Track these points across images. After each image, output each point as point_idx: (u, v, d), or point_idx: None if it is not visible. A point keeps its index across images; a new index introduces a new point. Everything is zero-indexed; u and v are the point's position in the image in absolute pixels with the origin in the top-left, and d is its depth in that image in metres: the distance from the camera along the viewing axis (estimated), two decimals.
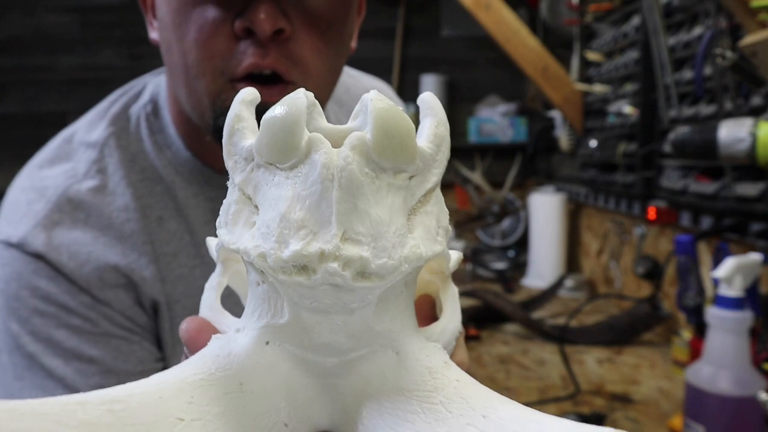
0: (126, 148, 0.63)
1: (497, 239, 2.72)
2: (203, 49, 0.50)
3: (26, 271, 0.58)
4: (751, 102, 1.06)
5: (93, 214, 0.60)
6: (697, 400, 0.78)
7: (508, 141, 2.81)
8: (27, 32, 2.92)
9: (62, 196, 0.60)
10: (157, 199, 0.63)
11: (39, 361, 0.57)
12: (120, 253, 0.60)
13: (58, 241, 0.58)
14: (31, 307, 0.57)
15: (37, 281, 0.57)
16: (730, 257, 0.81)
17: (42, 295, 0.57)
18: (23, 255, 0.58)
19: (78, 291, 0.58)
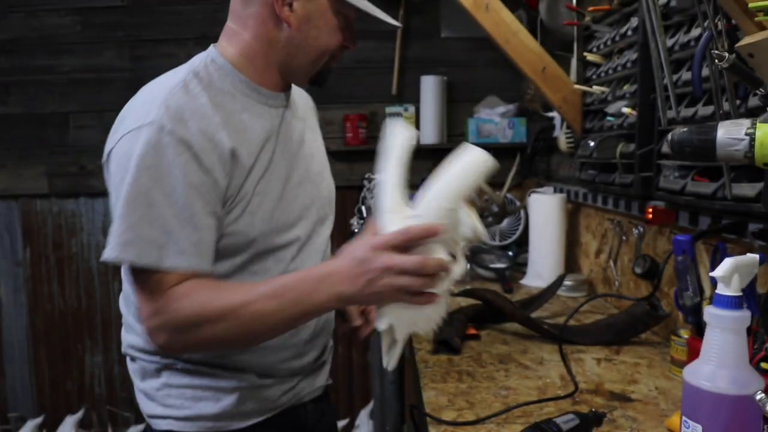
0: (201, 78, 1.02)
1: (497, 239, 2.72)
2: (336, 47, 1.09)
3: (160, 143, 0.92)
4: (748, 103, 1.06)
5: (197, 108, 0.97)
6: (696, 400, 0.78)
7: (508, 141, 2.82)
8: (29, 33, 2.92)
9: (168, 96, 0.96)
10: (231, 103, 1.03)
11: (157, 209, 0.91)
12: (226, 136, 0.98)
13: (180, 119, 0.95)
14: (162, 171, 0.92)
15: (167, 151, 0.92)
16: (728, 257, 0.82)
17: (170, 163, 0.92)
18: (151, 130, 0.92)
19: (196, 157, 0.94)
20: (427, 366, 1.32)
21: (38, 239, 3.03)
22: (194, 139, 0.94)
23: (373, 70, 2.94)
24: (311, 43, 1.06)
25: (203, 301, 0.94)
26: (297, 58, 1.07)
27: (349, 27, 1.09)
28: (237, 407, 1.06)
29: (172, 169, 0.92)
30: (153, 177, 0.91)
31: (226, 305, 0.93)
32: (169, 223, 0.92)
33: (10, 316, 3.06)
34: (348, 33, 1.09)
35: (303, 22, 1.03)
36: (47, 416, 3.01)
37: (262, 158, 1.03)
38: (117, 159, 0.95)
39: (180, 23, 2.92)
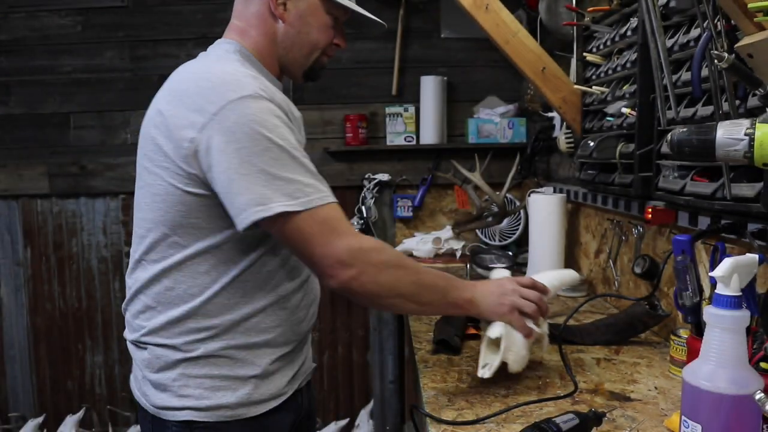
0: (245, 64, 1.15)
1: (496, 239, 2.72)
2: (326, 43, 1.21)
3: (264, 106, 1.02)
4: (748, 103, 1.06)
5: (264, 84, 1.08)
6: (695, 399, 0.79)
7: (507, 141, 2.82)
8: (29, 34, 2.92)
9: (245, 75, 1.07)
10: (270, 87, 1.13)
11: (286, 151, 1.01)
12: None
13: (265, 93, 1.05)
14: (272, 124, 1.01)
15: (272, 110, 1.03)
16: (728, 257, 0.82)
17: (276, 117, 1.03)
18: (258, 99, 1.02)
19: (284, 115, 1.06)
20: (427, 366, 1.32)
21: (39, 239, 3.03)
22: (281, 108, 1.06)
23: (373, 70, 2.94)
24: (303, 38, 1.18)
25: (396, 252, 1.12)
26: (292, 52, 1.19)
27: (339, 26, 1.22)
28: (252, 395, 1.11)
29: (285, 130, 1.04)
30: (282, 136, 1.01)
31: (415, 264, 1.11)
32: (311, 169, 1.04)
33: (11, 315, 3.07)
34: (338, 31, 1.22)
35: (296, 18, 1.17)
36: (48, 416, 3.01)
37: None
38: (229, 129, 0.99)
39: (180, 23, 2.93)
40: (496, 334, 1.17)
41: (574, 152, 2.04)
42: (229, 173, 0.98)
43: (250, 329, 1.11)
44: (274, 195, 0.98)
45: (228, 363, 1.10)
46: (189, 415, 1.09)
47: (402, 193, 2.96)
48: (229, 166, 0.98)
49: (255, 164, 0.98)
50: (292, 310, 1.17)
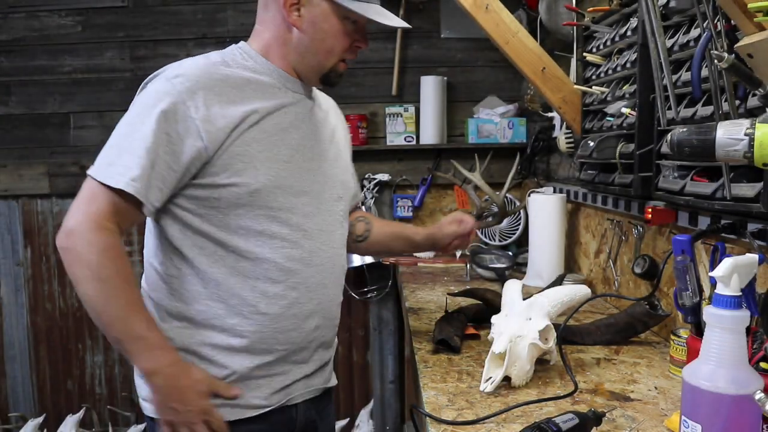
0: (225, 56, 1.18)
1: (496, 239, 2.72)
2: (343, 50, 1.19)
3: (163, 91, 1.07)
4: (748, 103, 1.06)
5: (212, 75, 1.13)
6: (695, 399, 0.79)
7: (507, 142, 2.82)
8: (30, 34, 2.92)
9: (192, 62, 1.16)
10: (249, 77, 1.16)
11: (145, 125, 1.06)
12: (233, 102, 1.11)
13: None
14: (157, 111, 1.05)
15: (168, 99, 1.06)
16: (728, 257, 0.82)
17: (165, 109, 1.05)
18: (167, 81, 1.08)
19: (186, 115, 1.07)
20: (427, 366, 1.32)
21: (39, 239, 3.03)
22: (193, 97, 1.07)
23: (373, 70, 2.94)
24: (318, 45, 1.16)
25: (117, 267, 1.04)
26: (306, 58, 1.18)
27: (359, 30, 1.19)
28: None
29: (159, 114, 1.04)
30: (143, 115, 1.06)
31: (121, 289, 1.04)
32: (137, 151, 1.05)
33: (11, 315, 3.06)
34: (357, 35, 1.19)
35: (309, 26, 1.15)
36: (48, 416, 3.01)
37: (268, 122, 1.14)
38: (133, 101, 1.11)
39: (180, 23, 2.93)
40: (500, 349, 1.19)
41: (574, 152, 2.04)
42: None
43: (226, 330, 1.12)
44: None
45: (200, 362, 1.12)
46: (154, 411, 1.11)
47: (402, 193, 2.96)
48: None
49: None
50: (274, 317, 1.14)
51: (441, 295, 1.97)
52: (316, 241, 1.19)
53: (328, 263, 1.22)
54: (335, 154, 1.30)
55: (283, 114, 1.17)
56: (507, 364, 1.16)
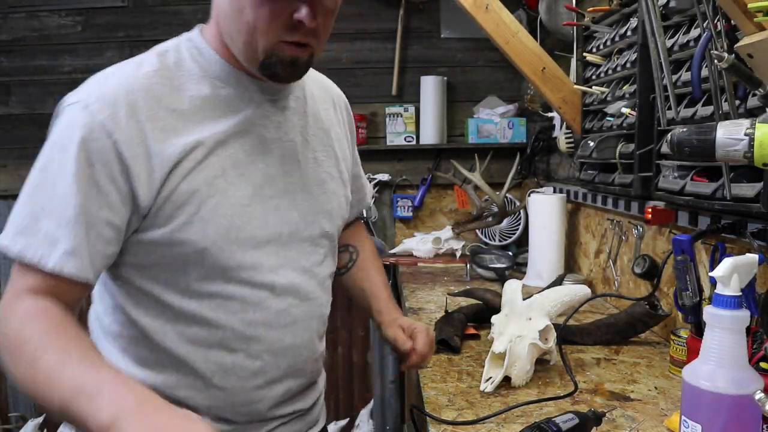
0: (164, 57, 0.94)
1: (496, 239, 2.72)
2: (271, 24, 0.85)
3: (76, 123, 0.82)
4: (748, 103, 1.06)
5: (140, 89, 0.87)
6: (695, 399, 0.79)
7: (507, 142, 2.82)
8: (30, 34, 2.92)
9: (114, 73, 0.90)
10: (192, 88, 0.91)
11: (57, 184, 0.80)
12: (167, 127, 0.87)
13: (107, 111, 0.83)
14: (74, 153, 0.81)
15: (81, 134, 0.81)
16: (728, 257, 0.82)
17: (86, 148, 0.81)
18: (75, 109, 0.83)
19: (114, 149, 0.82)
20: (427, 366, 1.32)
21: None
22: (119, 128, 0.82)
23: (373, 70, 2.94)
24: (236, 18, 0.87)
25: (44, 325, 0.77)
26: (233, 39, 0.89)
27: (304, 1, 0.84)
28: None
29: (79, 156, 0.80)
30: (58, 161, 0.81)
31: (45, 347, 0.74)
32: (61, 216, 0.79)
33: None
34: (294, 2, 0.84)
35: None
36: (48, 416, 3.01)
37: (220, 155, 0.88)
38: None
39: (180, 23, 2.92)
40: (500, 349, 1.19)
41: (574, 152, 2.04)
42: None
43: (178, 401, 0.89)
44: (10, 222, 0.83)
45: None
46: None
47: (402, 193, 2.96)
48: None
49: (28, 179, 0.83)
50: (232, 391, 0.93)
51: (441, 295, 1.97)
52: (285, 299, 0.95)
53: (302, 319, 0.98)
54: (324, 171, 1.04)
55: (241, 137, 0.91)
56: (507, 364, 1.16)
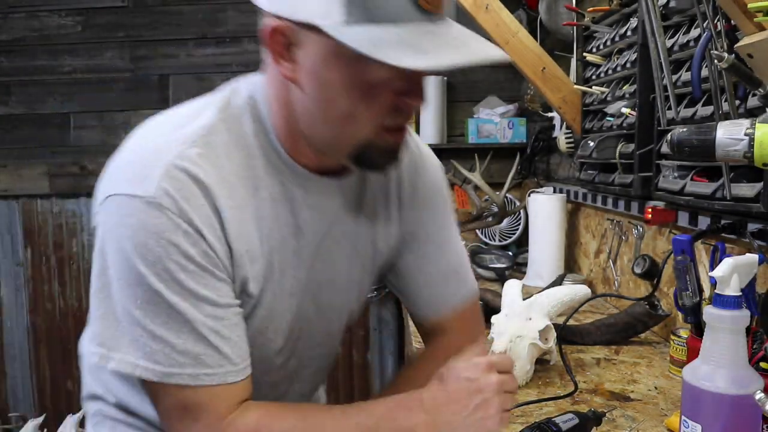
0: (232, 130, 0.77)
1: (496, 239, 2.72)
2: (379, 113, 0.72)
3: (154, 221, 0.69)
4: (748, 103, 1.06)
5: (200, 177, 0.72)
6: (695, 399, 0.79)
7: (507, 142, 2.82)
8: (30, 34, 2.93)
9: (176, 157, 0.72)
10: (258, 173, 0.78)
11: (162, 296, 0.70)
12: (227, 213, 0.73)
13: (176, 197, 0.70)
14: (157, 253, 0.69)
15: (163, 231, 0.69)
16: (728, 257, 0.82)
17: (167, 244, 0.69)
18: (149, 208, 0.69)
19: (198, 240, 0.71)
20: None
21: (39, 239, 3.03)
22: (203, 224, 0.72)
23: None
24: (326, 108, 0.73)
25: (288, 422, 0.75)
26: (316, 128, 0.75)
27: (401, 73, 0.68)
28: None
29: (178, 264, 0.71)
30: (165, 273, 0.71)
31: (319, 422, 0.76)
32: (205, 329, 0.72)
33: (11, 316, 3.06)
34: (399, 83, 0.70)
35: (309, 79, 0.72)
36: (48, 416, 3.01)
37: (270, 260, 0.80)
38: (104, 232, 0.75)
39: (180, 23, 2.93)
40: (500, 348, 1.19)
41: (574, 152, 2.04)
42: (92, 287, 0.77)
43: None
44: (118, 341, 0.72)
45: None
46: None
47: None
48: (93, 276, 0.77)
49: (114, 294, 0.73)
50: None
51: None
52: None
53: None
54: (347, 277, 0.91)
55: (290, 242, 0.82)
56: None
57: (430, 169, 0.96)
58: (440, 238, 0.96)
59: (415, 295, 0.97)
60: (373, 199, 0.90)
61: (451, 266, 0.96)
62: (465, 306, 0.97)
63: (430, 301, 0.96)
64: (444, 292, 0.96)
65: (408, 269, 0.96)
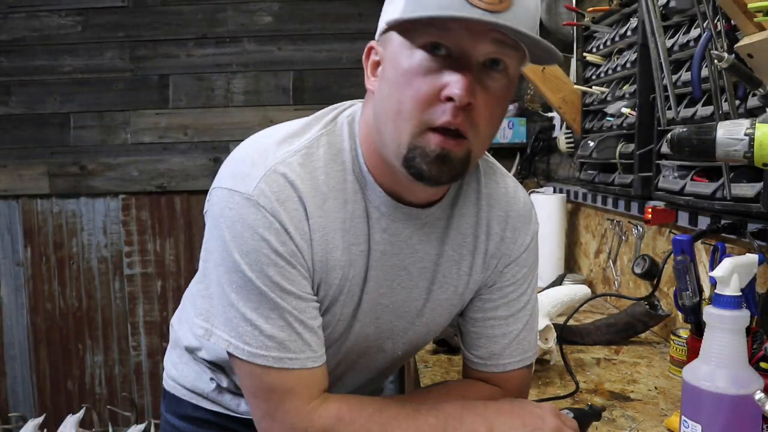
0: (332, 144, 0.81)
1: None
2: (417, 104, 0.70)
3: (250, 216, 0.75)
4: (748, 103, 1.07)
5: (297, 184, 0.76)
6: (695, 399, 0.79)
7: (507, 141, 2.82)
8: (30, 34, 2.93)
9: (279, 163, 0.76)
10: (348, 187, 0.81)
11: (254, 284, 0.75)
12: (316, 220, 0.78)
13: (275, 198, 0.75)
14: (251, 245, 0.75)
15: (257, 227, 0.75)
16: (728, 257, 0.82)
17: (260, 238, 0.75)
18: (247, 203, 0.75)
19: (287, 239, 0.76)
20: (426, 366, 1.32)
21: (39, 239, 3.03)
22: (293, 225, 0.76)
23: None
24: (387, 107, 0.74)
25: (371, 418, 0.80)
26: (379, 134, 0.77)
27: (447, 61, 0.69)
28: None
29: (269, 258, 0.76)
30: (256, 265, 0.75)
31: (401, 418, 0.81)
32: (290, 317, 0.78)
33: (11, 316, 3.07)
34: (445, 70, 0.69)
35: (382, 83, 0.76)
36: (48, 416, 3.02)
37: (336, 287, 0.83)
38: (210, 219, 0.80)
39: (180, 24, 2.93)
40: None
41: (574, 152, 2.04)
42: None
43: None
44: (218, 320, 0.79)
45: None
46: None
47: None
48: (201, 260, 0.83)
49: (217, 276, 0.78)
50: None
51: None
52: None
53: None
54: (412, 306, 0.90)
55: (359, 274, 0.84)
56: None
57: (522, 227, 0.92)
58: (515, 304, 0.93)
59: (471, 345, 0.95)
60: (459, 240, 0.89)
61: (517, 334, 0.93)
62: (516, 372, 0.95)
63: (484, 358, 0.94)
64: (501, 355, 0.93)
65: (473, 320, 0.94)
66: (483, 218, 0.89)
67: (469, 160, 0.74)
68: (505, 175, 0.95)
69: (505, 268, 0.92)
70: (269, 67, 2.96)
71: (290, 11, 2.94)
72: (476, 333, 0.94)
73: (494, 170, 0.93)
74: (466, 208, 0.89)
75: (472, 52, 0.69)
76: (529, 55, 0.73)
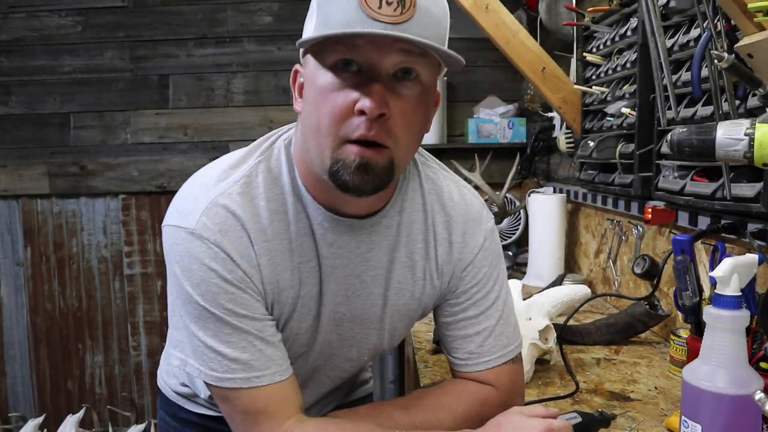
0: (270, 170, 0.84)
1: None
2: (332, 120, 0.73)
3: (195, 249, 0.78)
4: (748, 103, 1.06)
5: (238, 213, 0.79)
6: (695, 399, 0.79)
7: (507, 142, 2.82)
8: (30, 34, 2.93)
9: (219, 195, 0.80)
10: (290, 209, 0.83)
11: (209, 311, 0.78)
12: (260, 245, 0.80)
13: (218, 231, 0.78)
14: (199, 276, 0.78)
15: (203, 258, 0.78)
16: (728, 257, 0.82)
17: (207, 269, 0.78)
18: (192, 237, 0.78)
19: (234, 267, 0.78)
20: (427, 366, 1.32)
21: (39, 239, 3.03)
22: (238, 253, 0.79)
23: None
24: (304, 126, 0.79)
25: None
26: (305, 152, 0.81)
27: (355, 78, 0.72)
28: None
29: (217, 286, 0.79)
30: (208, 294, 0.79)
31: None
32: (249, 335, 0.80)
33: (11, 316, 3.07)
34: (349, 86, 0.72)
35: (304, 103, 0.79)
36: (48, 416, 3.01)
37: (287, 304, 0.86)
38: (165, 253, 0.83)
39: (180, 23, 2.93)
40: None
41: (574, 152, 2.04)
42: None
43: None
44: (187, 350, 0.81)
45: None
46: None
47: None
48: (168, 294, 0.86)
49: (177, 309, 0.82)
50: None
51: None
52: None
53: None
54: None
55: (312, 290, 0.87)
56: None
57: (471, 230, 0.92)
58: (483, 303, 0.93)
59: (450, 348, 0.96)
60: (411, 246, 0.90)
61: (491, 330, 0.93)
62: (502, 367, 0.94)
63: (464, 358, 0.94)
64: (479, 353, 0.93)
65: (446, 324, 0.95)
66: (430, 224, 0.91)
67: (393, 168, 0.76)
68: (448, 179, 0.95)
69: (462, 272, 0.92)
70: (269, 67, 2.96)
71: (290, 11, 2.94)
72: (451, 336, 0.95)
73: (438, 174, 0.94)
74: (414, 215, 0.90)
75: (380, 64, 0.72)
76: (441, 60, 0.76)
